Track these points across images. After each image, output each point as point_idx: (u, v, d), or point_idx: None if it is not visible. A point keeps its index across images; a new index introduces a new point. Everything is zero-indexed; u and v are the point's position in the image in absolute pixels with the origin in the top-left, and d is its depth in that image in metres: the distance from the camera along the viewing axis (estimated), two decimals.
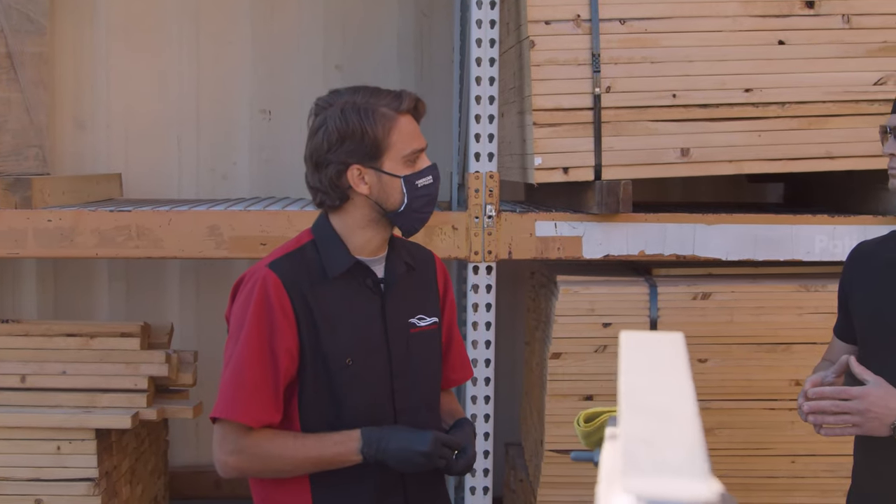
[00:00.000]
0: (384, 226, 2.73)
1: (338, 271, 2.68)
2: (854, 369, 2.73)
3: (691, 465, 0.77)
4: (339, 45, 5.52)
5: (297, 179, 5.42)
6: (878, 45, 3.94)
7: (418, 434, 2.64)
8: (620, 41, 3.89)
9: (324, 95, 2.74)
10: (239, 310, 2.64)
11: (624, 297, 3.96)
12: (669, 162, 3.93)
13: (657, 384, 0.92)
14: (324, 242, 2.71)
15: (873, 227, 3.97)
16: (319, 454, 2.61)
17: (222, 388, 2.61)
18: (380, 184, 2.66)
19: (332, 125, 2.64)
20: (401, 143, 2.66)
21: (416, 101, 2.71)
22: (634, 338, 1.04)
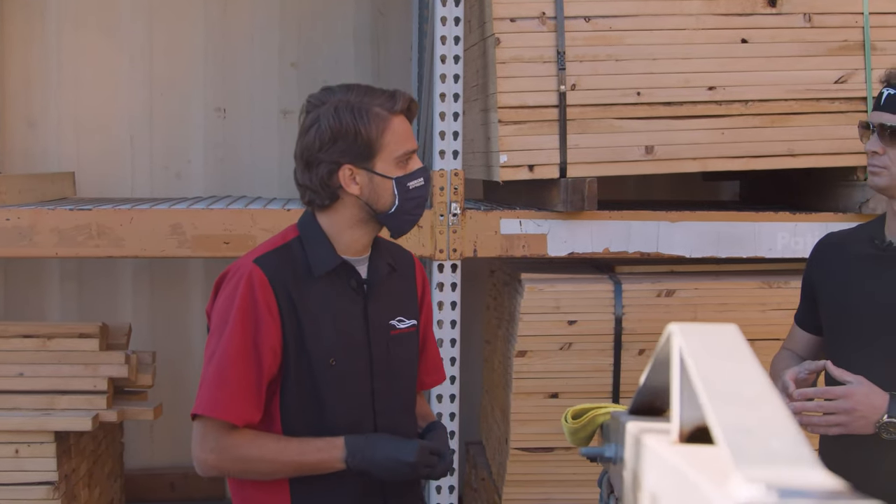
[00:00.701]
0: (372, 226, 2.70)
1: (323, 270, 2.64)
2: (834, 374, 2.74)
3: (800, 453, 0.76)
4: (295, 42, 5.48)
5: (252, 178, 5.44)
6: (838, 43, 3.98)
7: (404, 443, 2.62)
8: (585, 39, 3.89)
9: (316, 93, 2.70)
10: (223, 305, 2.60)
11: (589, 295, 3.97)
12: (634, 160, 3.94)
13: (731, 374, 0.91)
14: (310, 240, 2.67)
15: (834, 223, 3.99)
16: (301, 459, 2.58)
17: (204, 384, 2.56)
18: (371, 185, 2.63)
19: (326, 124, 2.59)
20: (394, 143, 2.62)
21: (410, 101, 2.68)
22: (689, 330, 1.02)
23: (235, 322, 2.55)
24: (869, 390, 2.69)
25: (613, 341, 3.97)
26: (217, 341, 2.57)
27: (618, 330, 3.97)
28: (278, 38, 5.47)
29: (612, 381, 4.00)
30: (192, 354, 5.43)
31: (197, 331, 5.46)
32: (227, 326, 2.55)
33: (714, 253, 4.03)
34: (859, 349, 2.83)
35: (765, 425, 0.79)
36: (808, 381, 2.83)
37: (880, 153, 2.81)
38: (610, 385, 4.00)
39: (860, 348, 2.83)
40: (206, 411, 2.54)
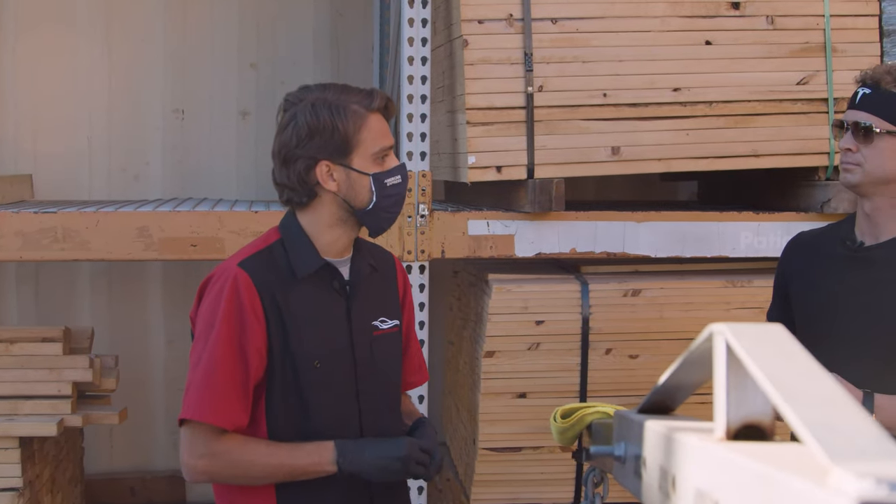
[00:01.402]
0: (352, 225, 2.69)
1: (306, 272, 2.64)
2: None
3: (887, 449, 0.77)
4: (254, 43, 5.46)
5: (211, 179, 5.41)
6: (800, 45, 4.04)
7: (392, 441, 2.62)
8: (552, 40, 3.91)
9: (293, 91, 2.69)
10: (208, 309, 2.58)
11: (556, 295, 3.99)
12: (600, 160, 3.97)
13: (797, 374, 0.92)
14: (292, 242, 2.67)
15: (796, 223, 4.05)
16: (293, 463, 2.57)
17: (191, 388, 2.55)
18: (348, 181, 2.63)
19: (303, 120, 2.59)
20: (371, 140, 2.63)
21: (387, 100, 2.68)
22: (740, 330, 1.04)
23: (221, 326, 2.54)
24: (849, 391, 2.73)
25: (580, 341, 4.00)
26: (203, 346, 2.56)
27: (585, 329, 3.99)
28: (237, 38, 5.44)
29: (580, 381, 4.02)
30: (151, 358, 5.39)
31: (156, 334, 5.42)
32: (214, 330, 2.54)
33: (679, 252, 4.07)
34: (832, 348, 2.86)
35: (847, 423, 0.80)
36: None
37: (854, 151, 2.84)
38: (577, 384, 4.02)
39: (833, 347, 2.86)
40: (195, 416, 2.53)
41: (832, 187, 4.03)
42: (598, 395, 4.02)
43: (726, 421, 1.07)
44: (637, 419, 1.44)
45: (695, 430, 1.18)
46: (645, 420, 1.38)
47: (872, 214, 2.88)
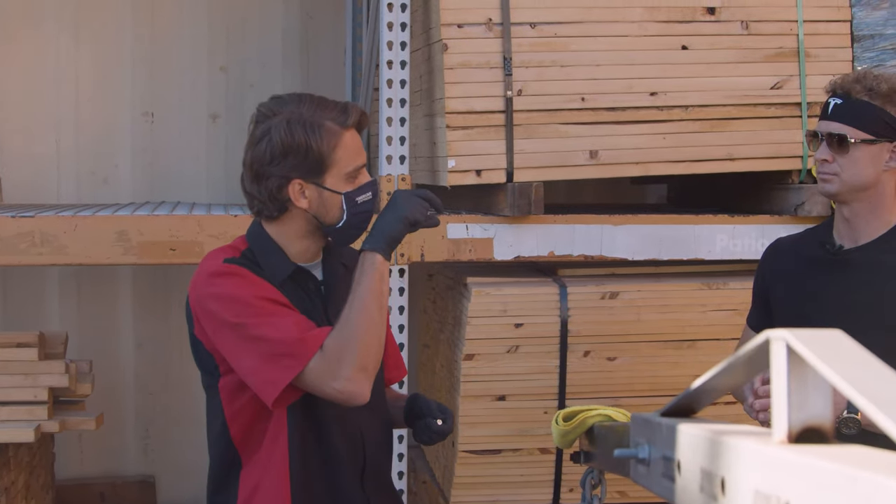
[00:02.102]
0: (320, 237, 2.70)
1: (280, 278, 2.64)
2: None
3: None
4: (224, 46, 5.44)
5: (180, 183, 5.38)
6: (774, 50, 4.09)
7: (387, 207, 2.68)
8: (531, 45, 3.93)
9: (266, 102, 2.68)
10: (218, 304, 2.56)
11: (535, 298, 4.01)
12: (579, 164, 3.99)
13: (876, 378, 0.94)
14: (262, 251, 2.66)
15: (771, 226, 4.11)
16: (368, 292, 2.57)
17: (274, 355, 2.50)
18: (320, 199, 2.63)
19: (277, 137, 2.58)
20: (345, 160, 2.63)
21: (361, 114, 2.68)
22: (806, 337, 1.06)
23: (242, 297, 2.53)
24: None
25: (559, 343, 4.02)
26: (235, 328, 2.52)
27: (563, 332, 4.01)
28: (206, 41, 5.42)
29: (558, 383, 4.05)
30: (121, 362, 5.36)
31: (125, 338, 5.39)
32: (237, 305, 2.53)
33: (656, 255, 4.10)
34: None
35: None
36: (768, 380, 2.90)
37: (830, 161, 2.89)
38: (556, 387, 4.05)
39: None
40: (301, 364, 2.50)
41: (806, 190, 4.08)
42: (576, 398, 4.05)
43: (788, 424, 1.09)
44: (667, 422, 1.46)
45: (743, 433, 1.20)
46: (677, 423, 1.40)
47: (851, 219, 2.93)
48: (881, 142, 2.86)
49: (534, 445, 4.10)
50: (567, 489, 4.15)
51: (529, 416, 4.06)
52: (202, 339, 2.65)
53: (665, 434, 1.47)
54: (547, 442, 4.09)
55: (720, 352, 4.10)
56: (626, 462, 2.25)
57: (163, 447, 5.45)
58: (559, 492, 4.15)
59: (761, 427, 2.39)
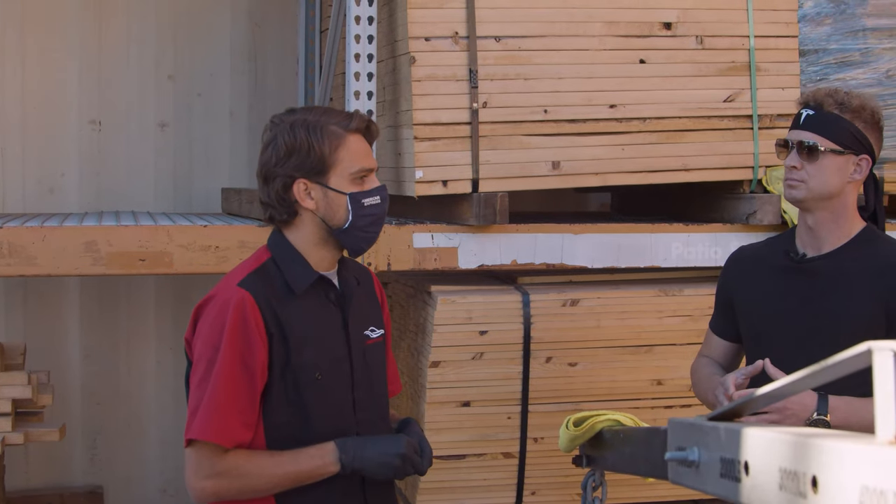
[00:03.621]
0: (334, 244, 2.76)
1: (304, 286, 2.69)
2: (770, 371, 2.92)
3: None
4: (172, 54, 5.44)
5: (128, 192, 5.37)
6: (727, 64, 4.22)
7: (390, 439, 2.72)
8: (496, 58, 4.01)
9: (279, 113, 2.76)
10: (210, 330, 2.61)
11: (499, 306, 4.10)
12: (541, 175, 4.09)
13: None
14: (284, 259, 2.72)
15: (724, 234, 4.24)
16: (298, 469, 2.62)
17: (199, 409, 2.57)
18: (326, 200, 2.70)
19: (281, 140, 2.68)
20: (348, 160, 2.70)
21: (369, 122, 2.76)
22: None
23: (228, 346, 2.57)
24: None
25: (522, 350, 4.11)
26: (207, 366, 2.59)
27: (526, 339, 4.10)
28: (154, 50, 5.42)
29: (522, 389, 4.13)
30: (68, 372, 5.32)
31: (72, 348, 5.36)
32: (220, 351, 2.57)
33: (614, 263, 4.21)
34: (782, 355, 3.01)
35: None
36: (744, 384, 3.01)
37: (799, 168, 3.02)
38: (519, 392, 4.13)
39: (783, 354, 3.02)
40: (203, 435, 2.56)
41: (757, 200, 4.22)
42: (539, 403, 4.15)
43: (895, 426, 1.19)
44: (726, 427, 1.55)
45: (831, 437, 1.30)
46: (742, 428, 1.49)
47: (815, 228, 3.06)
48: (847, 154, 3.00)
49: (497, 450, 4.19)
50: (529, 492, 4.24)
51: (493, 421, 4.14)
52: (190, 341, 2.72)
53: (724, 437, 1.56)
54: (510, 446, 4.18)
55: (676, 356, 4.23)
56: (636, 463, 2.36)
57: (111, 457, 5.43)
58: (522, 495, 4.24)
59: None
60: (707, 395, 3.18)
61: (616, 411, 2.62)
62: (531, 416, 4.16)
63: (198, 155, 5.47)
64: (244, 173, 5.50)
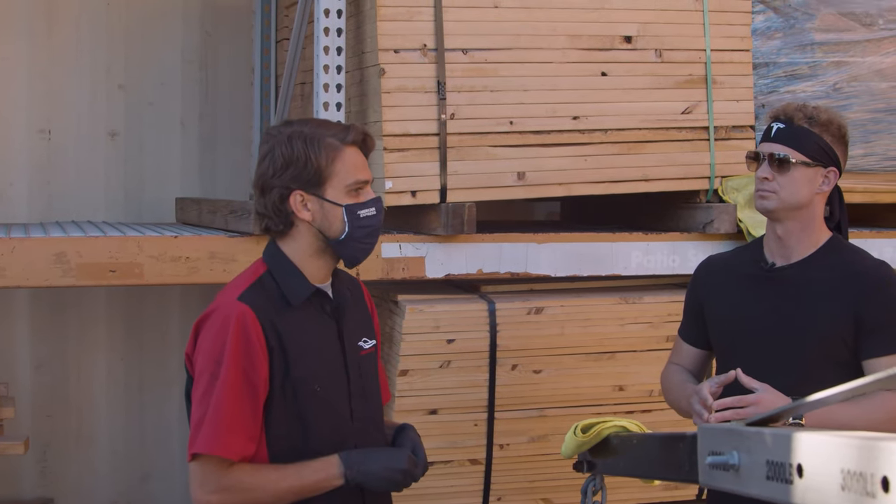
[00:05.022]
0: (330, 255, 2.80)
1: (301, 299, 2.73)
2: (742, 380, 3.00)
3: None
4: (122, 63, 5.41)
5: (78, 201, 5.33)
6: (685, 77, 4.33)
7: (392, 453, 2.76)
8: (464, 70, 4.07)
9: (276, 125, 2.80)
10: (211, 345, 2.63)
11: (466, 314, 4.15)
12: (507, 185, 4.15)
13: None
14: (281, 272, 2.75)
15: (681, 243, 4.35)
16: (301, 482, 2.65)
17: (201, 424, 2.59)
18: (322, 211, 2.74)
19: (279, 151, 2.72)
20: (344, 172, 2.74)
21: (365, 135, 2.80)
22: None
23: (231, 360, 2.59)
24: (775, 397, 2.98)
25: (489, 358, 4.17)
26: (210, 380, 2.61)
27: (492, 347, 4.16)
28: (105, 59, 5.38)
29: (488, 396, 4.19)
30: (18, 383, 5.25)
31: (22, 359, 5.30)
32: (223, 366, 2.59)
33: (577, 272, 4.28)
34: (753, 363, 3.10)
35: None
36: (717, 393, 3.08)
37: (770, 179, 3.12)
38: (486, 400, 4.19)
39: (754, 362, 3.11)
40: (208, 449, 2.57)
41: (714, 209, 4.33)
42: (504, 410, 4.21)
43: None
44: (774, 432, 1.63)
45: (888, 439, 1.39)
46: (792, 433, 1.57)
47: (784, 237, 3.17)
48: (817, 166, 3.11)
49: (464, 457, 4.24)
50: (495, 498, 4.30)
51: (460, 428, 4.19)
52: (190, 356, 2.73)
53: (772, 442, 1.63)
54: (476, 453, 4.24)
55: (637, 363, 4.32)
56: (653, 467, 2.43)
57: (61, 470, 5.37)
58: (487, 501, 4.29)
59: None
60: (680, 403, 3.26)
61: (622, 418, 2.69)
62: (497, 422, 4.22)
63: (149, 164, 5.44)
64: (195, 183, 5.49)
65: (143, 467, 5.46)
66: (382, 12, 3.96)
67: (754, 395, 2.96)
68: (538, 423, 4.28)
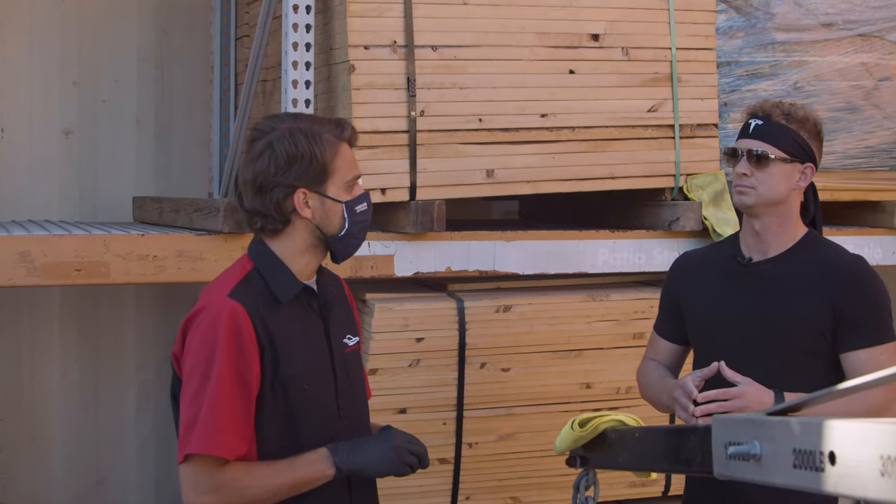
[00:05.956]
0: (321, 250, 2.77)
1: (289, 296, 2.69)
2: (725, 374, 3.02)
3: None
4: (76, 60, 5.31)
5: (32, 200, 5.23)
6: (650, 75, 4.35)
7: (380, 434, 2.77)
8: (433, 67, 4.06)
9: (262, 121, 2.74)
10: (202, 344, 2.58)
11: (435, 313, 4.13)
12: (476, 183, 4.14)
13: None
14: (268, 269, 2.71)
15: (647, 240, 4.37)
16: (296, 476, 2.61)
17: (194, 424, 2.54)
18: (322, 208, 2.70)
19: (281, 148, 2.65)
20: (344, 168, 2.72)
21: (353, 129, 2.77)
22: None
23: (222, 358, 2.55)
24: (757, 389, 3.00)
25: (458, 356, 4.15)
26: (202, 380, 2.56)
27: (461, 345, 4.15)
28: (59, 56, 5.28)
29: (457, 395, 4.18)
30: None
31: None
32: (214, 364, 2.55)
33: (544, 269, 4.28)
34: (732, 357, 3.12)
35: None
36: (700, 386, 3.10)
37: (749, 175, 3.14)
38: (454, 398, 4.18)
39: (733, 356, 3.12)
40: (203, 449, 2.53)
41: (679, 207, 4.35)
42: (473, 408, 4.20)
43: None
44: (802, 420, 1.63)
45: None
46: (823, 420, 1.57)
47: (762, 232, 3.19)
48: (794, 162, 3.14)
49: (433, 456, 4.13)
50: (464, 497, 4.29)
51: (429, 427, 4.17)
52: (178, 356, 2.68)
53: (799, 430, 1.63)
54: (444, 452, 4.22)
55: (604, 360, 4.34)
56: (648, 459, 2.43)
57: (14, 473, 5.27)
58: (456, 500, 4.28)
59: None
60: (660, 398, 3.26)
61: (619, 412, 2.69)
62: (466, 421, 4.21)
63: (103, 163, 5.35)
64: (151, 182, 5.41)
65: (99, 471, 5.37)
66: (352, 8, 3.93)
67: (738, 388, 2.98)
68: (506, 421, 4.27)
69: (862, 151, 4.81)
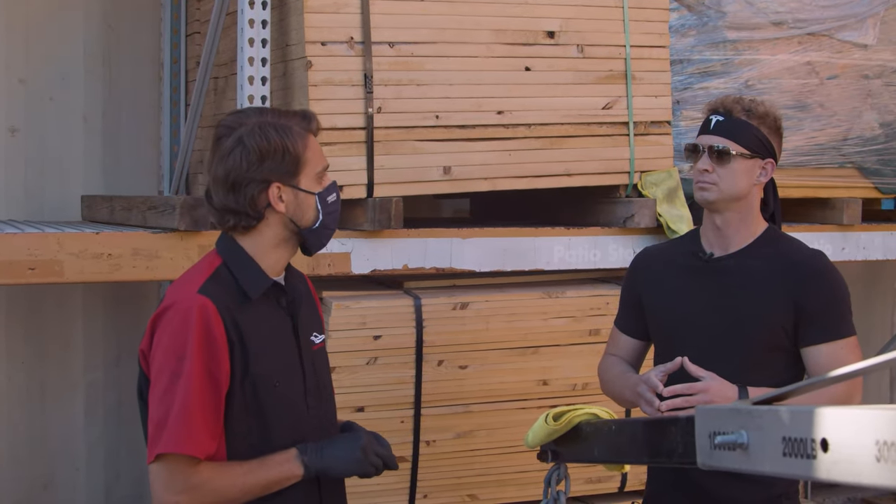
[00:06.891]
0: (293, 245, 2.74)
1: (259, 292, 2.66)
2: (689, 369, 3.03)
3: None
4: (23, 57, 5.23)
5: None
6: (605, 73, 4.37)
7: (347, 435, 2.77)
8: (390, 64, 4.04)
9: (228, 116, 2.70)
10: (171, 340, 2.54)
11: (393, 310, 4.12)
12: (433, 180, 4.14)
13: None
14: (237, 265, 2.67)
15: (602, 237, 4.39)
16: (267, 476, 2.59)
17: (164, 422, 2.50)
18: (296, 201, 2.67)
19: (252, 143, 2.61)
20: (314, 160, 2.70)
21: (318, 120, 2.75)
22: None
23: (193, 355, 2.51)
24: (721, 384, 3.02)
25: (415, 354, 4.14)
26: (171, 378, 2.52)
27: (419, 343, 4.14)
28: (5, 53, 5.19)
29: (415, 392, 4.17)
30: None
31: None
32: (185, 361, 2.51)
33: (500, 266, 4.29)
34: (694, 352, 3.13)
35: None
36: (663, 380, 3.11)
37: (710, 171, 3.16)
38: (412, 396, 4.16)
39: (695, 352, 3.14)
40: (176, 448, 2.49)
41: (634, 203, 4.38)
42: (431, 406, 4.19)
43: None
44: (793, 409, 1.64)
45: None
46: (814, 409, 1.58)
47: (723, 228, 3.21)
48: (755, 157, 3.17)
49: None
50: (421, 495, 4.27)
51: (387, 425, 4.14)
52: (146, 353, 2.64)
53: (789, 418, 1.64)
54: (402, 450, 4.19)
55: (560, 356, 4.35)
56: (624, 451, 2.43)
57: None
58: (414, 498, 4.26)
59: None
60: (623, 393, 3.27)
61: (593, 405, 2.69)
62: (423, 419, 4.20)
63: (50, 161, 5.27)
64: (99, 180, 5.34)
65: (46, 474, 5.28)
66: (309, 4, 3.91)
67: (702, 382, 3.00)
68: (464, 419, 4.26)
69: (812, 149, 4.86)
